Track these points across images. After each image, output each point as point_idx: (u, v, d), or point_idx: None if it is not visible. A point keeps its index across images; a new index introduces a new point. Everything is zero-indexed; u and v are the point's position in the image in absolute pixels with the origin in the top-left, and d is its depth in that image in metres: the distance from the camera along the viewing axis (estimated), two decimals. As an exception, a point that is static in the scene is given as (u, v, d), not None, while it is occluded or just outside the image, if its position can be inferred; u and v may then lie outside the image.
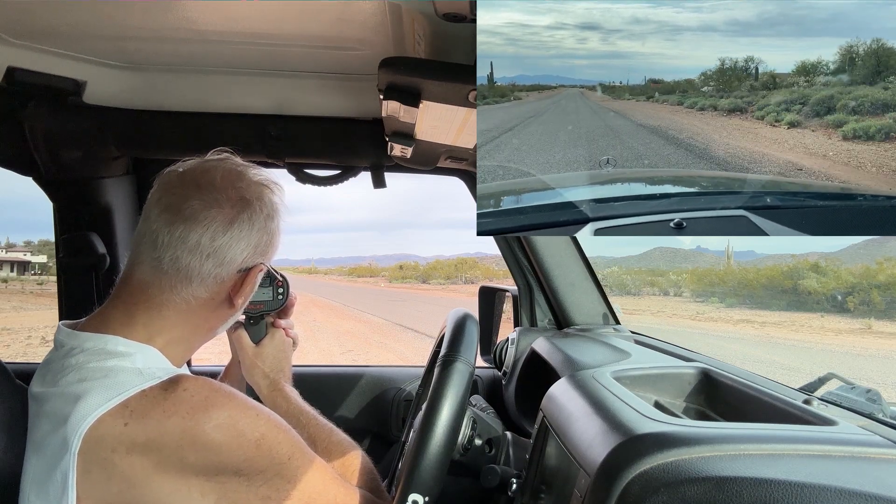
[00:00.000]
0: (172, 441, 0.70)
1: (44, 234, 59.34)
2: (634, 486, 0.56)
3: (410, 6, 0.87)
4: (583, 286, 1.49)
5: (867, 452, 0.61)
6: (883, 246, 29.94)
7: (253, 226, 0.84)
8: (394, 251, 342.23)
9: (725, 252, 33.01)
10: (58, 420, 0.72)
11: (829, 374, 0.93)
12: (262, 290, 1.03)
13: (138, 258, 0.82)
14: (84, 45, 1.14)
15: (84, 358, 0.76)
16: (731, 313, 21.32)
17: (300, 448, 0.81)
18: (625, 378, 0.91)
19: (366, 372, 1.73)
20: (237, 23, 1.00)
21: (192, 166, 0.86)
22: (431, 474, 0.79)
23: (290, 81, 1.26)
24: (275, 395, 1.02)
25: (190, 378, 0.75)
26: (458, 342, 0.89)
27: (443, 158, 1.35)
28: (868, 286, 20.85)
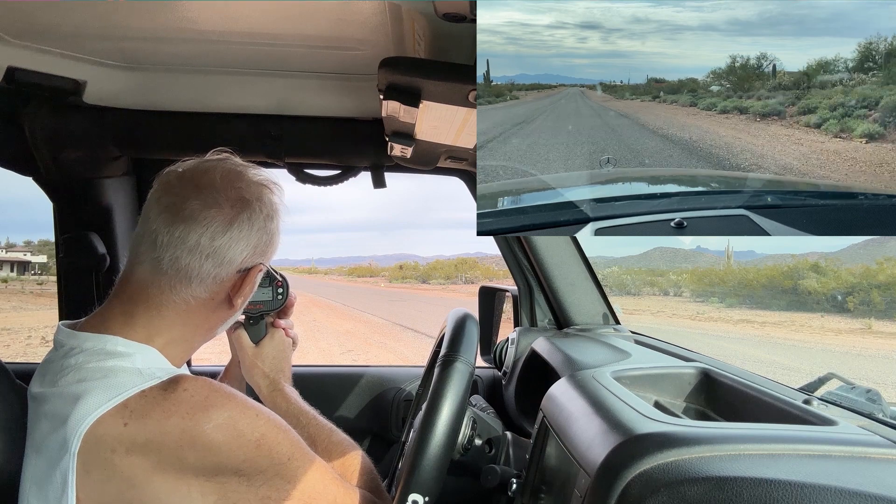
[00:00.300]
0: (172, 441, 0.70)
1: (44, 234, 59.36)
2: (634, 486, 0.56)
3: (410, 6, 0.87)
4: (583, 286, 1.49)
5: (867, 452, 0.61)
6: (883, 246, 29.93)
7: (252, 226, 0.84)
8: (394, 251, 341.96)
9: (725, 252, 33.01)
10: (57, 420, 0.72)
11: (829, 374, 0.93)
12: (262, 290, 1.03)
13: (138, 258, 0.82)
14: (84, 45, 1.14)
15: (83, 358, 0.76)
16: (731, 313, 21.32)
17: (300, 448, 0.81)
18: (625, 378, 0.91)
19: (366, 372, 1.73)
20: (237, 23, 1.00)
21: (191, 166, 0.86)
22: (431, 474, 0.79)
23: (290, 81, 1.26)
24: (274, 395, 1.01)
25: (190, 378, 0.75)
26: (458, 342, 0.89)
27: (443, 158, 1.35)
28: (868, 286, 20.84)
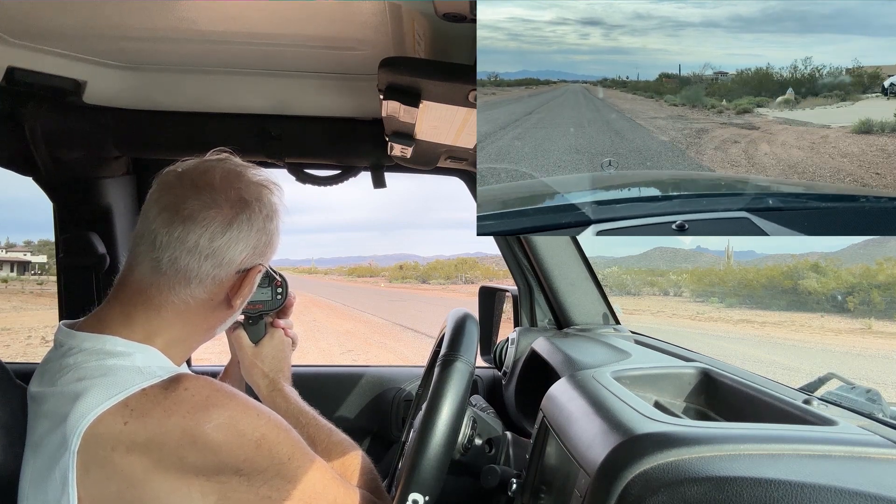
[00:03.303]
0: (172, 440, 0.70)
1: (44, 234, 59.35)
2: (634, 486, 0.56)
3: (410, 6, 0.87)
4: (583, 286, 1.49)
5: (867, 452, 0.61)
6: (883, 246, 29.91)
7: (252, 226, 0.84)
8: (394, 251, 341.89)
9: (725, 252, 32.99)
10: (56, 419, 0.72)
11: (829, 374, 0.93)
12: (261, 290, 1.03)
13: (137, 258, 0.82)
14: (84, 45, 1.14)
15: (83, 357, 0.76)
16: (730, 313, 21.31)
17: (300, 448, 0.81)
18: (625, 378, 0.91)
19: (366, 372, 1.73)
20: (237, 23, 1.00)
21: (190, 166, 0.86)
22: (431, 474, 0.79)
23: (290, 81, 1.26)
24: (274, 394, 1.01)
25: (191, 377, 0.75)
26: (458, 342, 0.89)
27: (443, 158, 1.35)
28: (868, 286, 20.83)
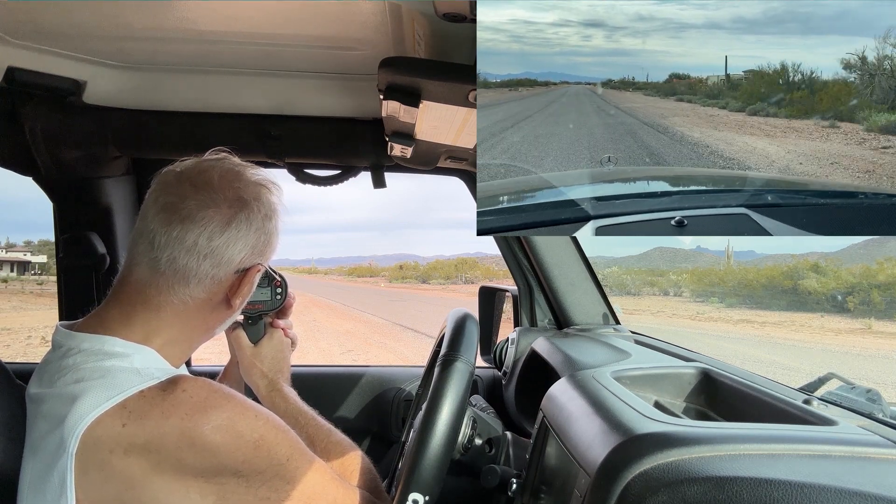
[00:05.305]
0: (171, 442, 0.70)
1: (44, 234, 59.38)
2: (634, 486, 0.56)
3: (410, 6, 0.87)
4: (583, 286, 1.49)
5: (867, 452, 0.61)
6: (883, 246, 29.91)
7: (251, 226, 0.84)
8: (394, 251, 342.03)
9: (725, 252, 32.98)
10: (55, 421, 0.72)
11: (829, 374, 0.93)
12: (261, 290, 1.03)
13: (135, 258, 0.82)
14: (84, 45, 1.14)
15: (81, 358, 0.76)
16: (730, 313, 21.31)
17: (299, 449, 0.81)
18: (625, 378, 0.91)
19: (366, 372, 1.73)
20: (237, 23, 1.00)
21: (189, 166, 0.85)
22: (431, 474, 0.79)
23: (290, 81, 1.26)
24: (273, 395, 1.01)
25: (189, 379, 0.75)
26: (458, 342, 0.89)
27: (443, 158, 1.35)
28: (868, 286, 20.82)
